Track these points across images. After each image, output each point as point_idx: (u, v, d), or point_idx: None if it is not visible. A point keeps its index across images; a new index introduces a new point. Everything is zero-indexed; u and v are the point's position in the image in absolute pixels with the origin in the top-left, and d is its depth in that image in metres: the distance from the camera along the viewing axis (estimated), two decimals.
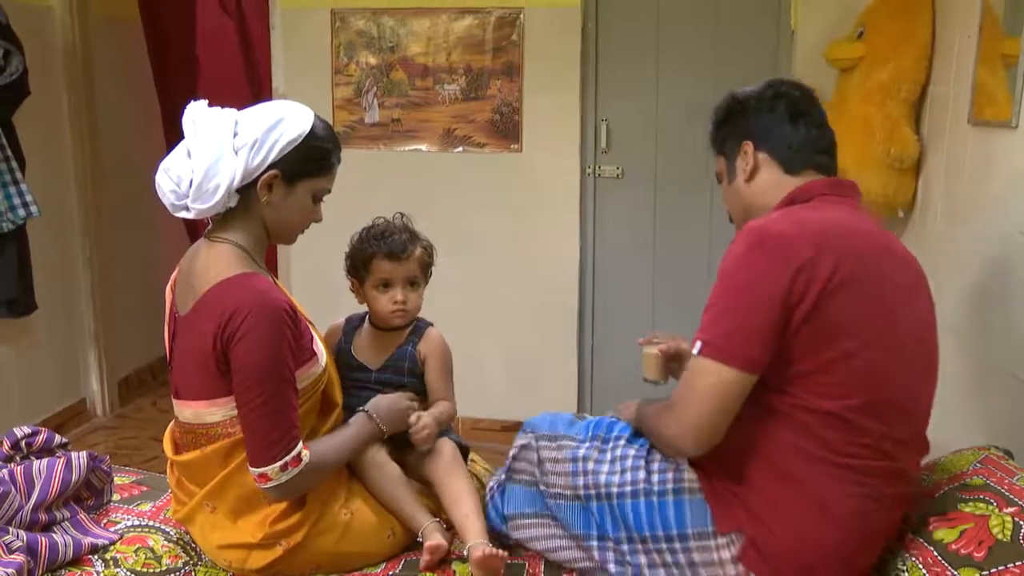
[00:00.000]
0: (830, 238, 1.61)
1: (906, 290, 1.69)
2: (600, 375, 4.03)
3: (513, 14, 3.73)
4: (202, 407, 1.75)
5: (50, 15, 3.95)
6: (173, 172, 1.73)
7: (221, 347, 1.66)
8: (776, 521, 1.61)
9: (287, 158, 1.74)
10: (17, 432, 2.09)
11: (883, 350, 1.60)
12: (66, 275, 4.10)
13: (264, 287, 1.70)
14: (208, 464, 1.76)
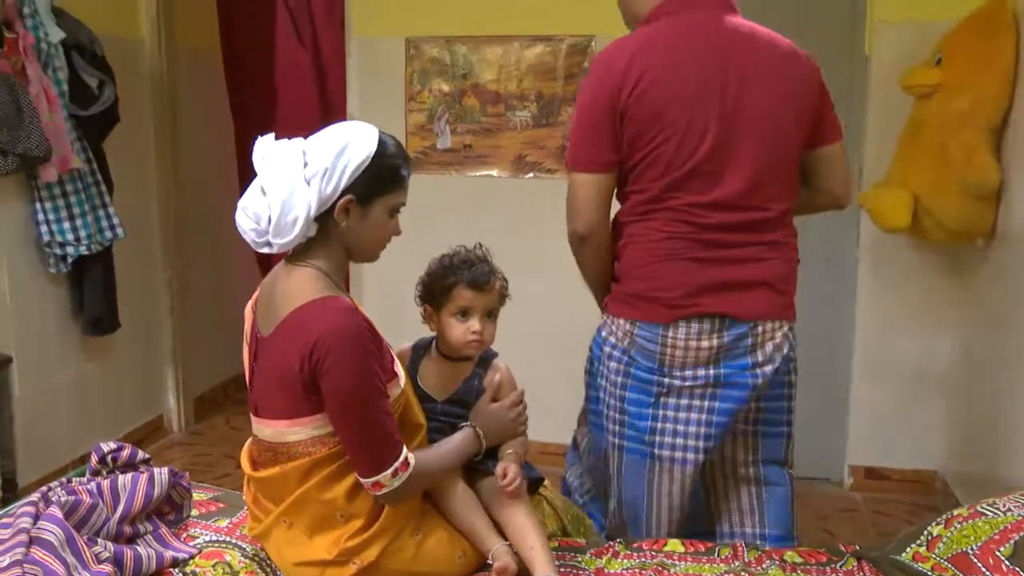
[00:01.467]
0: (647, 48, 2.04)
1: (752, 73, 2.07)
2: None
3: (584, 41, 3.75)
4: (283, 426, 1.78)
5: (140, 46, 4.10)
6: (251, 210, 1.75)
7: (309, 371, 1.69)
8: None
9: (359, 181, 1.75)
10: (104, 447, 2.15)
11: (691, 136, 2.03)
12: (147, 296, 4.22)
13: (345, 309, 1.73)
14: (286, 481, 1.79)
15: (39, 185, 3.46)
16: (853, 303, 3.73)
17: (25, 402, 3.22)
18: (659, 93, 2.03)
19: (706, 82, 2.04)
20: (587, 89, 2.11)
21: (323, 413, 1.74)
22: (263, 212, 1.73)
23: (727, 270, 2.11)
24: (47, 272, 3.61)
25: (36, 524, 1.81)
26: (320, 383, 1.69)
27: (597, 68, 2.10)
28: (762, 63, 2.09)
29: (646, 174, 2.09)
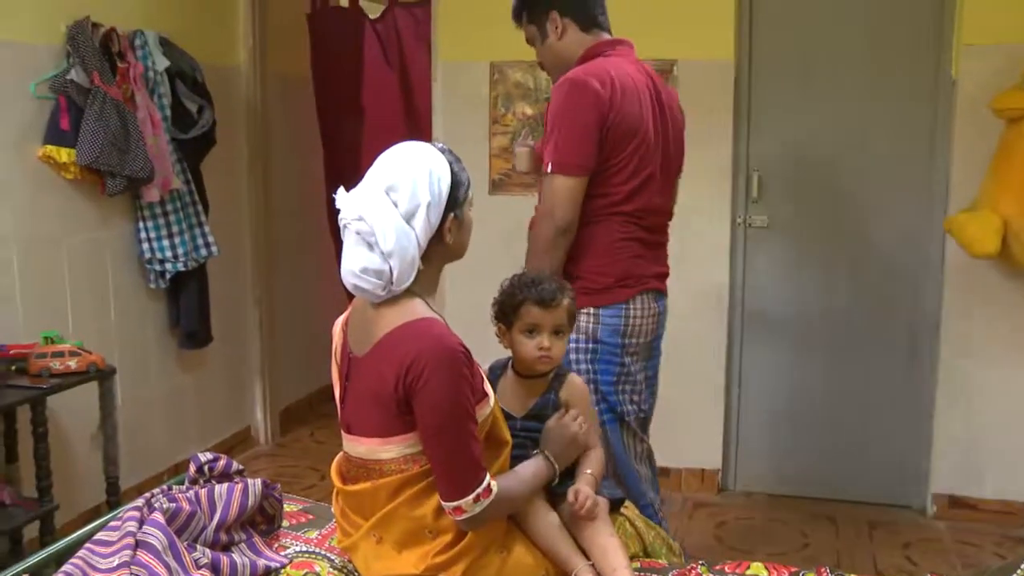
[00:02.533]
0: (614, 79, 2.42)
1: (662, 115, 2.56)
2: (746, 429, 3.96)
3: (667, 66, 3.77)
4: (376, 444, 1.81)
5: (236, 73, 4.26)
6: (371, 271, 1.74)
7: (403, 391, 1.72)
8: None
9: (451, 197, 1.80)
10: (201, 457, 2.23)
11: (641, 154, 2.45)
12: (237, 311, 4.35)
13: (441, 331, 1.75)
14: (376, 497, 1.82)
15: (142, 205, 3.61)
16: (937, 327, 3.66)
17: (125, 411, 3.35)
18: (629, 112, 2.44)
19: (647, 108, 2.50)
20: (577, 107, 2.42)
21: (414, 432, 1.77)
22: (383, 267, 1.73)
23: (657, 260, 2.65)
24: (147, 287, 3.76)
25: (141, 528, 1.89)
26: (413, 402, 1.72)
27: (584, 90, 2.41)
28: (671, 95, 2.70)
29: (612, 180, 2.47)
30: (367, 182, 1.80)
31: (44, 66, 3.24)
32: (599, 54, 2.54)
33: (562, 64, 2.57)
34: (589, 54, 2.54)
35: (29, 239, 3.22)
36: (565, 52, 2.58)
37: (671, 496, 3.94)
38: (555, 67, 2.62)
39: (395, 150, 1.84)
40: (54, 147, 3.24)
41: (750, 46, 3.74)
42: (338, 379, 1.97)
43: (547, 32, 2.61)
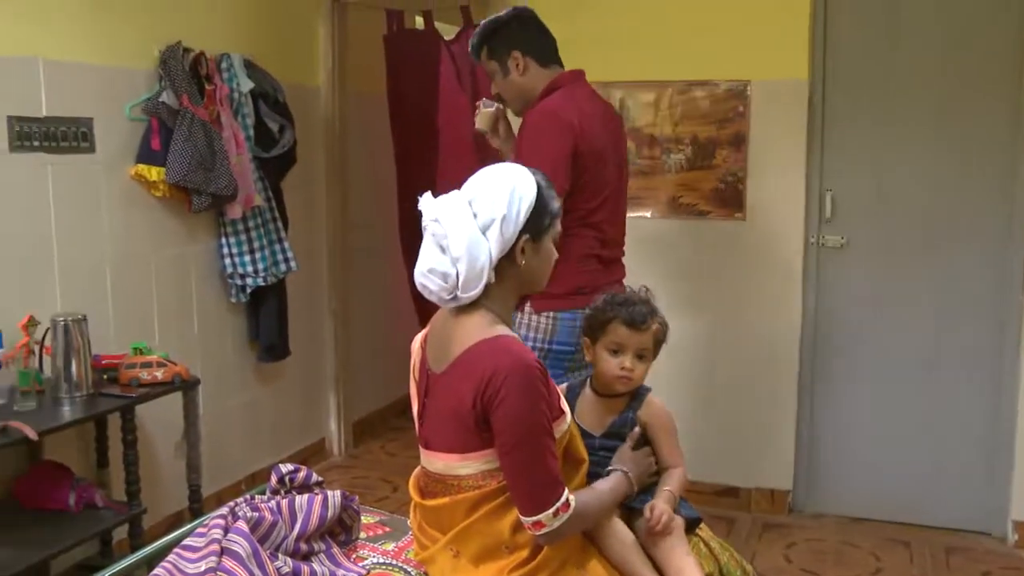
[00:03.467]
0: (580, 108, 2.77)
1: (615, 136, 2.93)
2: (818, 450, 3.90)
3: (740, 86, 3.76)
4: (454, 460, 1.83)
5: (316, 93, 4.37)
6: (437, 272, 1.79)
7: (481, 408, 1.74)
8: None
9: (530, 220, 1.82)
10: (282, 468, 2.29)
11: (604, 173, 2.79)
12: (314, 325, 4.44)
13: (517, 348, 1.78)
14: (454, 511, 1.84)
15: (225, 221, 3.72)
16: (1018, 350, 3.56)
17: (205, 421, 3.45)
18: (593, 137, 2.77)
19: (606, 132, 2.85)
20: (551, 135, 2.70)
21: (492, 448, 1.79)
22: (450, 271, 1.78)
23: (612, 272, 2.92)
24: (228, 301, 3.87)
25: (226, 536, 1.95)
26: (491, 418, 1.75)
27: (556, 120, 2.72)
28: (619, 120, 3.09)
29: (577, 198, 2.74)
30: (455, 191, 1.85)
31: (138, 89, 3.37)
32: (561, 86, 2.84)
33: (523, 96, 2.90)
34: (551, 86, 2.84)
35: (121, 254, 3.35)
36: (527, 86, 2.88)
37: (740, 516, 3.91)
38: (516, 99, 2.93)
39: (490, 168, 1.89)
40: (145, 166, 3.36)
41: (824, 64, 3.70)
42: (417, 395, 2.01)
43: (508, 68, 2.89)
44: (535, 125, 2.75)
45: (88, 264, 3.23)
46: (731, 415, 3.92)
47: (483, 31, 2.94)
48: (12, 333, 2.80)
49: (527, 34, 2.90)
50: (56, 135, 3.07)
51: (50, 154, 3.06)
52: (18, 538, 2.70)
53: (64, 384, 2.84)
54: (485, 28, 2.94)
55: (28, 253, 3.01)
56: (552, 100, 2.79)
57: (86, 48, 3.18)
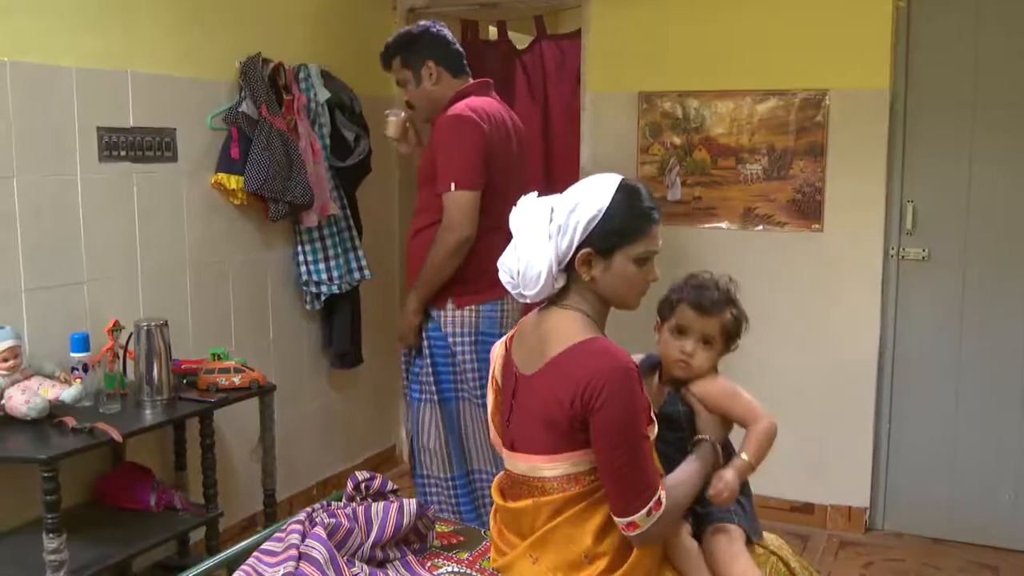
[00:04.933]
0: (489, 114, 3.01)
1: (520, 144, 3.17)
2: (897, 466, 3.80)
3: (818, 95, 3.70)
4: (541, 461, 1.83)
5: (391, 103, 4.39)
6: (505, 265, 1.88)
7: (580, 408, 1.74)
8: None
9: (594, 235, 1.80)
10: (358, 475, 2.32)
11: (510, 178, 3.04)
12: (386, 333, 4.47)
13: (613, 351, 1.78)
14: (537, 514, 1.84)
15: (301, 229, 3.78)
16: None
17: (280, 427, 3.51)
18: (500, 141, 3.03)
19: (511, 138, 3.11)
20: (465, 136, 2.95)
21: (581, 450, 1.79)
22: (513, 266, 1.85)
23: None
24: (303, 309, 3.93)
25: (304, 541, 1.98)
26: (590, 420, 1.74)
27: (469, 122, 2.96)
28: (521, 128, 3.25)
29: (492, 201, 2.95)
30: (554, 195, 1.89)
31: (219, 100, 3.46)
32: (469, 94, 3.08)
33: (434, 105, 3.13)
34: (460, 94, 3.08)
35: (200, 261, 3.43)
36: (438, 95, 3.12)
37: (815, 533, 3.83)
38: (427, 107, 3.16)
39: (591, 176, 1.91)
40: (225, 175, 3.44)
41: (907, 73, 3.62)
42: (499, 397, 2.01)
43: (422, 77, 3.12)
44: (449, 127, 2.99)
45: (169, 270, 3.32)
46: (806, 429, 3.85)
47: (398, 41, 3.16)
48: (98, 337, 2.89)
49: (441, 46, 3.14)
50: (141, 145, 3.17)
51: (135, 163, 3.15)
52: (102, 536, 2.78)
53: (146, 388, 2.91)
54: (400, 38, 3.16)
55: (114, 259, 3.10)
56: (462, 105, 3.02)
57: (171, 61, 3.27)
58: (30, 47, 2.80)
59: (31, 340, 2.81)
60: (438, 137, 3.02)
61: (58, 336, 2.86)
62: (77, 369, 2.79)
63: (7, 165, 2.75)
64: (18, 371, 2.69)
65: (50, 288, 2.89)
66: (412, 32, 3.16)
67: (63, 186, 2.93)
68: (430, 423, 3.16)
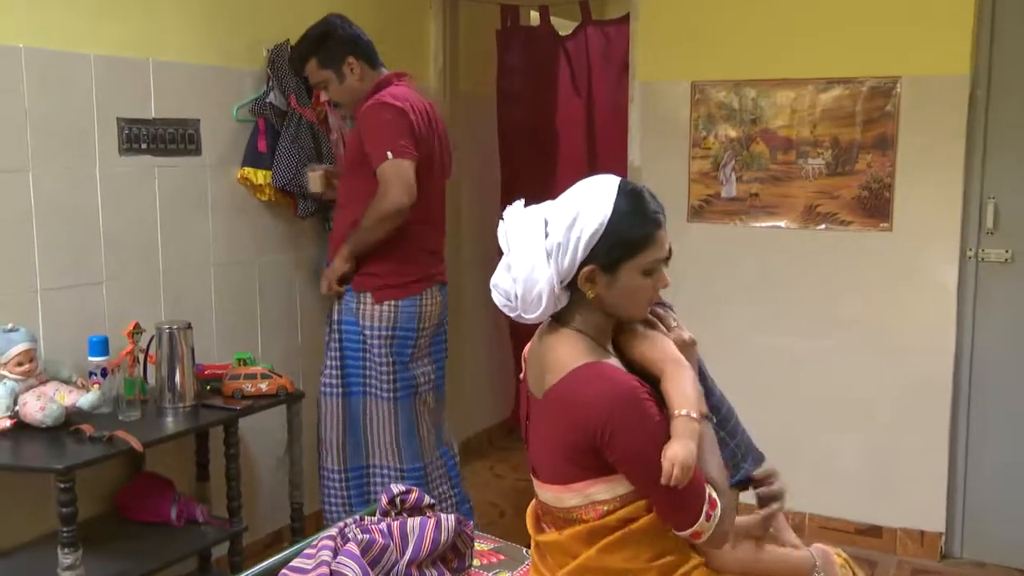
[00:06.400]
0: (411, 103, 3.21)
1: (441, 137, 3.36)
2: (977, 489, 3.69)
3: (889, 83, 3.61)
4: (559, 491, 1.81)
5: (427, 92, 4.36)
6: (500, 288, 1.80)
7: (586, 442, 1.71)
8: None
9: (598, 250, 1.73)
10: (393, 489, 2.28)
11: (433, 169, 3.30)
12: None
13: (610, 374, 1.73)
14: (567, 547, 1.82)
15: (331, 227, 3.75)
16: None
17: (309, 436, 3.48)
18: (422, 131, 3.22)
19: (431, 128, 3.29)
20: (392, 117, 3.15)
21: (593, 479, 1.76)
22: (510, 288, 1.78)
23: (439, 261, 3.45)
24: None
25: (336, 558, 1.94)
26: (605, 453, 1.71)
27: (394, 107, 3.16)
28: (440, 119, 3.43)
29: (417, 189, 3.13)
30: (544, 203, 1.83)
31: (245, 90, 3.45)
32: (389, 83, 3.29)
33: (357, 97, 3.30)
34: (380, 84, 3.28)
35: (225, 260, 3.43)
36: (361, 88, 3.30)
37: (884, 558, 3.73)
38: (351, 101, 3.33)
39: (583, 182, 1.83)
40: (252, 169, 3.43)
41: (990, 58, 3.51)
42: (522, 415, 1.99)
43: (344, 75, 3.29)
44: (375, 111, 3.18)
45: (192, 270, 3.31)
46: (873, 446, 3.76)
47: (310, 43, 3.31)
48: (118, 340, 2.88)
49: (355, 40, 3.31)
50: (164, 137, 3.16)
51: (157, 156, 3.15)
52: (119, 551, 2.77)
53: (168, 394, 2.91)
54: (312, 41, 3.30)
55: (134, 258, 3.10)
56: (384, 94, 3.22)
57: (195, 48, 3.27)
58: (47, 32, 2.81)
59: (47, 343, 2.81)
60: (364, 123, 3.21)
61: (75, 339, 2.86)
62: (95, 374, 2.78)
63: (22, 158, 2.76)
64: (33, 376, 2.69)
65: (67, 288, 2.89)
66: (324, 31, 3.31)
67: (81, 181, 2.93)
68: (331, 416, 3.36)
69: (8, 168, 2.73)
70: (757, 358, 3.85)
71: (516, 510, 4.12)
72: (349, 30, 3.33)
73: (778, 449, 2.17)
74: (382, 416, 3.34)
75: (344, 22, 3.35)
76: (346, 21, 3.36)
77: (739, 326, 3.86)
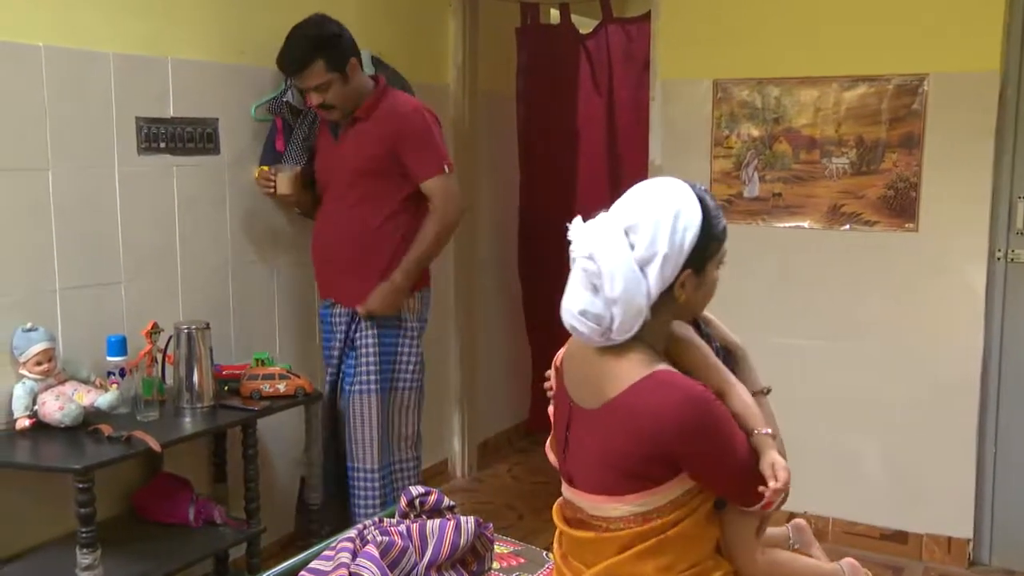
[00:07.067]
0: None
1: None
2: (1007, 493, 3.66)
3: (915, 81, 3.59)
4: (603, 502, 1.79)
5: (445, 91, 4.41)
6: (590, 314, 1.71)
7: (657, 451, 1.70)
8: None
9: (695, 252, 1.72)
10: (412, 491, 2.28)
11: None
12: (439, 341, 4.45)
13: (680, 381, 1.72)
14: (600, 548, 1.81)
15: None
16: None
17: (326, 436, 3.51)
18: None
19: None
20: (435, 127, 3.35)
21: (650, 490, 1.74)
22: (604, 313, 1.70)
23: None
24: None
25: (355, 560, 1.95)
26: (681, 461, 1.71)
27: (435, 116, 3.41)
28: None
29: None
30: (609, 216, 1.75)
31: (264, 88, 3.47)
32: (385, 87, 3.39)
33: (356, 102, 3.29)
34: (385, 89, 3.37)
35: (244, 260, 3.45)
36: (360, 88, 3.31)
37: (909, 565, 3.71)
38: (351, 102, 3.28)
39: (647, 185, 1.79)
40: (268, 168, 3.44)
41: (1021, 53, 3.48)
42: (557, 424, 1.96)
43: (349, 77, 3.24)
44: (419, 116, 3.31)
45: (211, 270, 3.33)
46: (899, 449, 3.74)
47: (318, 44, 3.19)
48: (136, 340, 2.90)
49: (352, 42, 3.30)
50: (182, 136, 3.19)
51: (176, 156, 3.17)
52: (138, 551, 2.79)
53: (186, 394, 2.93)
54: (320, 41, 3.20)
55: (153, 258, 3.12)
56: (409, 98, 3.44)
57: (214, 47, 3.29)
58: (66, 31, 2.83)
59: (65, 343, 2.83)
60: (404, 127, 3.27)
61: (94, 339, 2.88)
62: (113, 374, 2.80)
63: (41, 157, 2.78)
64: (52, 375, 2.71)
65: (85, 288, 2.92)
66: (334, 32, 3.25)
67: (100, 180, 2.95)
68: (367, 413, 3.36)
69: (27, 167, 2.75)
70: (780, 360, 3.82)
71: (534, 513, 4.12)
72: (346, 31, 3.30)
73: (801, 451, 2.17)
74: (408, 407, 3.43)
75: (337, 23, 3.29)
76: (330, 17, 3.30)
77: (762, 327, 3.83)
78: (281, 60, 3.25)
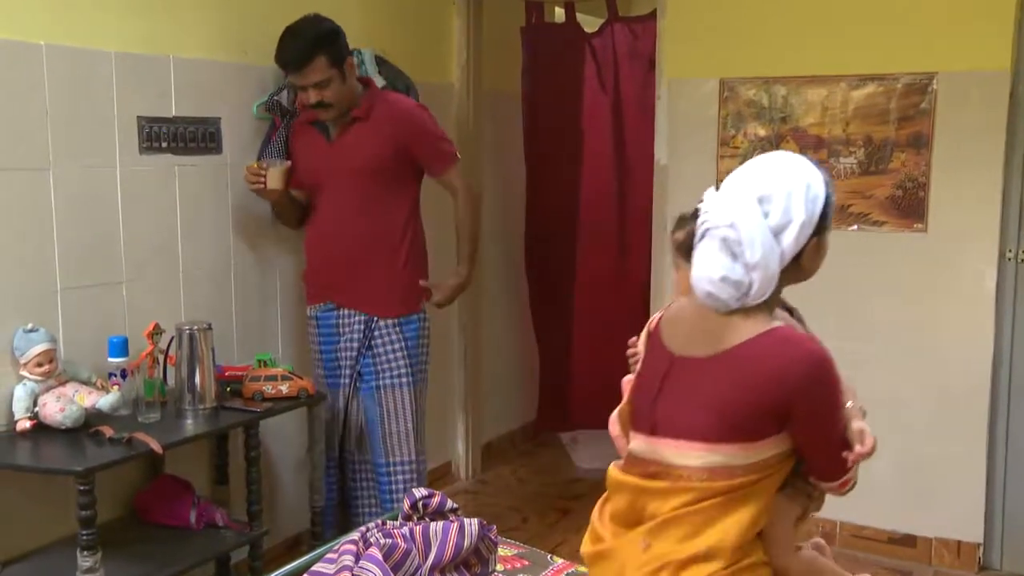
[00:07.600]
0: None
1: None
2: (1016, 498, 3.65)
3: (924, 80, 3.58)
4: (691, 448, 1.81)
5: (450, 91, 4.42)
6: (730, 280, 1.79)
7: (769, 403, 1.77)
8: None
9: (820, 220, 1.83)
10: (416, 493, 2.29)
11: None
12: (443, 342, 4.45)
13: (801, 338, 1.83)
14: (666, 498, 1.83)
15: None
16: None
17: None
18: None
19: None
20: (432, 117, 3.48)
21: (747, 443, 1.78)
22: (743, 279, 1.78)
23: None
24: None
25: (358, 563, 1.96)
26: (793, 411, 1.78)
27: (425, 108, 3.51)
28: None
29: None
30: (736, 187, 1.84)
31: (267, 87, 3.47)
32: (374, 87, 3.45)
33: (352, 97, 3.30)
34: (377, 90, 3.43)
35: (246, 260, 3.45)
36: (354, 88, 3.32)
37: (918, 569, 3.70)
38: (347, 101, 3.28)
39: (771, 158, 1.91)
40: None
41: None
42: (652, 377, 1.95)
43: (346, 74, 3.25)
44: (422, 113, 3.45)
45: (213, 270, 3.34)
46: (908, 453, 3.73)
47: (321, 39, 3.19)
48: (137, 341, 2.90)
49: (346, 38, 3.29)
50: (184, 135, 3.19)
51: (178, 155, 3.18)
52: (139, 553, 2.79)
53: (187, 396, 2.93)
54: (322, 36, 3.20)
55: (154, 258, 3.13)
56: (402, 96, 3.54)
57: (216, 45, 3.30)
58: (67, 29, 2.84)
59: (66, 344, 2.83)
60: (413, 125, 3.36)
61: (95, 340, 2.88)
62: (115, 375, 2.81)
63: (42, 156, 2.79)
64: (52, 376, 2.72)
65: (87, 288, 2.92)
66: (331, 28, 3.24)
67: (101, 179, 2.96)
68: (402, 407, 3.42)
69: (28, 167, 2.76)
70: None
71: (539, 515, 4.12)
72: (342, 29, 3.29)
73: None
74: (424, 398, 3.54)
75: (331, 23, 3.28)
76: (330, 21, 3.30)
77: None
78: (282, 56, 3.22)
